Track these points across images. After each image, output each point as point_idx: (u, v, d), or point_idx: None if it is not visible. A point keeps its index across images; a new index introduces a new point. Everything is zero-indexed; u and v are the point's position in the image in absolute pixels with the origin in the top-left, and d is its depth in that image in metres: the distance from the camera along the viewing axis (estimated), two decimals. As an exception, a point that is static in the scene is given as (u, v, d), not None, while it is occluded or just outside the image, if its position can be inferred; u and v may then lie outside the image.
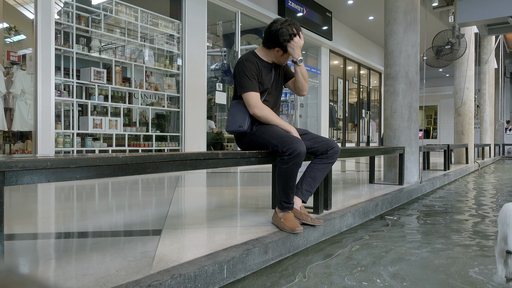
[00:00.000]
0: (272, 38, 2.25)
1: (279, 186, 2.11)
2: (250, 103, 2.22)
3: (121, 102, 5.87)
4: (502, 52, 11.07)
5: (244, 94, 2.24)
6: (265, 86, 2.31)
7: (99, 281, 1.28)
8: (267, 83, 2.32)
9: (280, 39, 2.22)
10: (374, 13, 10.61)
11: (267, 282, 1.61)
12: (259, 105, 2.23)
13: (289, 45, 2.23)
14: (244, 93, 2.24)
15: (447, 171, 6.00)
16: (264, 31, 2.32)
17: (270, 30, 2.25)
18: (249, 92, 2.22)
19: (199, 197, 3.39)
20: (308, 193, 2.26)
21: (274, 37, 2.24)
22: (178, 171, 2.72)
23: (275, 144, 2.11)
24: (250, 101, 2.23)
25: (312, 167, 2.27)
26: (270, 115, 2.24)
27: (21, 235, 1.93)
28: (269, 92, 2.35)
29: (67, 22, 5.01)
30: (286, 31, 2.20)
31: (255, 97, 2.23)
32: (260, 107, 2.23)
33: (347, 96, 12.39)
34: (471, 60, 7.93)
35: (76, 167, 1.36)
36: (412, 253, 2.05)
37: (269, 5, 8.22)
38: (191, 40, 6.53)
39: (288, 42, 2.22)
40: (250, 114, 2.26)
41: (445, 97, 19.44)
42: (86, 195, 3.47)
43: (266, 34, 2.28)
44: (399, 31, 4.16)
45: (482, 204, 3.84)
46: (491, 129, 11.12)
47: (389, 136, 4.24)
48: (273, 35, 2.24)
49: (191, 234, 1.93)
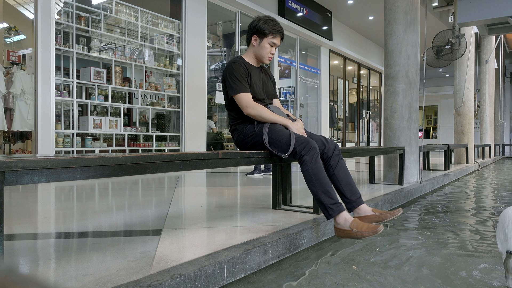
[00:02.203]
0: (251, 26, 2.37)
1: (317, 190, 1.96)
2: (242, 104, 2.23)
3: (121, 102, 5.87)
4: (502, 52, 11.08)
5: (236, 96, 2.25)
6: (255, 87, 2.32)
7: (99, 281, 1.28)
8: (257, 83, 2.34)
9: (260, 25, 2.32)
10: (374, 13, 10.61)
11: (267, 282, 1.61)
12: (252, 104, 2.23)
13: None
14: (236, 95, 2.25)
15: (447, 171, 6.00)
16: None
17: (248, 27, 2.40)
18: (240, 94, 2.24)
19: (199, 197, 3.39)
20: (355, 195, 2.11)
21: (253, 26, 2.36)
22: (178, 171, 2.72)
23: (286, 148, 2.09)
24: (242, 102, 2.23)
25: (329, 174, 2.13)
26: (264, 112, 2.24)
27: (21, 235, 1.93)
28: (259, 92, 2.36)
29: (67, 22, 5.01)
30: (267, 20, 2.34)
31: (247, 97, 2.23)
32: (253, 106, 2.23)
33: (347, 96, 12.39)
34: (471, 60, 7.93)
35: (76, 167, 1.36)
36: (412, 253, 2.05)
37: (269, 5, 8.22)
38: (191, 40, 6.53)
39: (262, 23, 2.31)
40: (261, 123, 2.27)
41: (445, 97, 19.44)
42: (86, 195, 3.47)
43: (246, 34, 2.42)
44: (399, 31, 4.16)
45: (482, 204, 3.83)
46: (491, 129, 11.12)
47: (389, 136, 4.24)
48: (249, 28, 2.38)
49: (191, 234, 1.93)
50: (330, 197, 1.95)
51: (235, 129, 2.40)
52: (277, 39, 2.35)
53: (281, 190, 2.69)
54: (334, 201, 1.95)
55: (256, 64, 2.42)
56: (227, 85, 2.29)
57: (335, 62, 11.85)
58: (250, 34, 2.38)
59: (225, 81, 2.31)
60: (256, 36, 2.35)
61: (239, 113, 2.33)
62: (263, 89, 2.41)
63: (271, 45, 2.35)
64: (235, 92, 2.24)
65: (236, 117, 2.37)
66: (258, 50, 2.35)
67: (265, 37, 2.33)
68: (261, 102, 2.36)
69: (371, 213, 2.05)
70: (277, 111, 2.34)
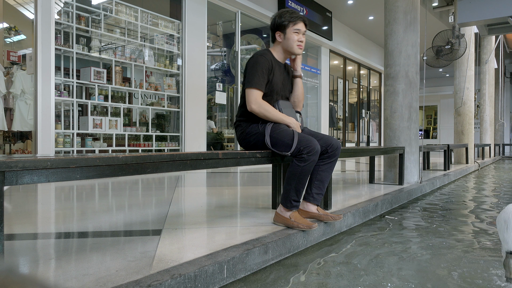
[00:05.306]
0: (271, 26, 2.35)
1: (291, 185, 2.10)
2: (250, 98, 2.21)
3: (121, 102, 5.87)
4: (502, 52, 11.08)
5: (248, 89, 2.22)
6: (275, 85, 2.30)
7: (99, 281, 1.28)
8: (278, 82, 2.31)
9: (277, 21, 2.31)
10: (374, 13, 10.61)
11: (267, 282, 1.61)
12: (259, 101, 2.21)
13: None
14: (248, 88, 2.22)
15: (447, 171, 6.00)
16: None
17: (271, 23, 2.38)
18: (252, 89, 2.21)
19: (199, 197, 3.39)
20: (319, 195, 2.26)
21: (272, 25, 2.35)
22: (178, 171, 2.72)
23: (289, 144, 2.11)
24: (250, 96, 2.21)
25: (316, 169, 2.24)
26: (268, 111, 2.21)
27: (21, 235, 1.93)
28: (277, 92, 2.33)
29: (67, 22, 5.01)
30: (282, 13, 2.33)
31: (257, 94, 2.21)
32: (259, 103, 2.21)
33: (347, 96, 12.39)
34: (471, 60, 7.93)
35: (76, 167, 1.36)
36: (412, 253, 2.05)
37: (269, 5, 8.21)
38: (191, 40, 6.53)
39: (287, 21, 2.28)
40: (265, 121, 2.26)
41: (445, 97, 19.44)
42: (86, 195, 3.47)
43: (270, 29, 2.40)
44: (399, 31, 4.16)
45: (482, 204, 3.83)
46: (491, 129, 11.12)
47: (389, 136, 4.24)
48: (271, 24, 2.36)
49: (191, 234, 1.93)
50: (298, 195, 2.12)
51: (239, 124, 2.38)
52: (299, 24, 2.29)
53: (281, 190, 2.69)
54: (298, 200, 2.14)
55: (283, 60, 2.38)
56: (246, 74, 2.27)
57: (335, 62, 11.84)
58: (272, 34, 2.36)
59: (246, 68, 2.28)
60: (279, 32, 2.31)
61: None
62: (282, 87, 2.37)
63: (296, 33, 2.29)
64: (249, 85, 2.21)
65: (244, 113, 2.34)
66: (285, 43, 2.31)
67: (286, 28, 2.29)
68: (277, 97, 2.35)
69: (315, 211, 2.23)
70: (287, 106, 2.34)
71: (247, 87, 2.23)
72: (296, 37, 2.29)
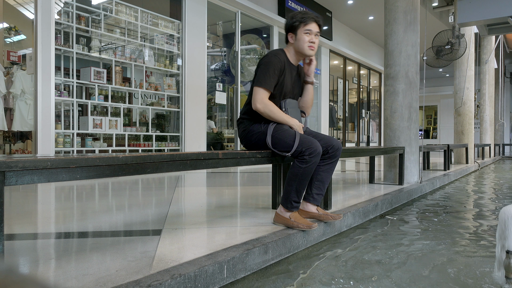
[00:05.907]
0: (285, 27, 2.35)
1: (292, 186, 2.10)
2: (257, 97, 2.20)
3: (121, 102, 5.86)
4: (502, 52, 11.08)
5: (256, 87, 2.21)
6: (284, 87, 2.28)
7: (99, 281, 1.28)
8: (288, 84, 2.29)
9: (289, 22, 2.31)
10: (374, 13, 10.61)
11: (267, 282, 1.61)
12: (265, 101, 2.20)
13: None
14: (257, 86, 2.21)
15: (447, 171, 6.00)
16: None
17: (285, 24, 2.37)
18: (260, 88, 2.20)
19: (199, 197, 3.39)
20: (319, 196, 2.26)
21: (285, 26, 2.35)
22: (178, 171, 2.72)
23: (291, 144, 2.11)
24: (257, 95, 2.20)
25: (317, 170, 2.23)
26: (273, 111, 2.20)
27: (21, 235, 1.93)
28: (285, 94, 2.31)
29: (67, 22, 5.01)
30: (294, 14, 2.31)
31: (264, 94, 2.20)
32: (265, 103, 2.19)
33: (347, 96, 12.39)
34: (471, 60, 7.93)
35: (76, 167, 1.36)
36: (412, 253, 2.05)
37: (269, 5, 8.21)
38: (191, 40, 6.53)
39: (298, 22, 2.27)
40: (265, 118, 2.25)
41: (445, 97, 19.44)
42: (86, 195, 3.47)
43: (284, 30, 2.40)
44: (399, 31, 4.16)
45: (482, 204, 3.83)
46: (491, 129, 11.12)
47: (389, 136, 4.24)
48: (285, 26, 2.36)
49: (191, 234, 1.93)
50: (298, 196, 2.12)
51: (242, 122, 2.37)
52: (310, 25, 2.25)
53: (281, 190, 2.69)
54: (298, 201, 2.14)
55: (295, 62, 2.36)
56: (257, 73, 2.25)
57: (335, 62, 11.84)
58: (286, 36, 2.35)
59: (259, 66, 2.26)
60: (291, 33, 2.29)
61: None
62: (291, 89, 2.35)
63: (307, 34, 2.25)
64: (258, 83, 2.20)
65: (249, 111, 2.32)
66: (297, 44, 2.28)
67: (297, 29, 2.26)
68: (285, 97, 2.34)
69: (315, 211, 2.23)
70: (293, 105, 2.34)
71: (256, 85, 2.22)
72: (307, 38, 2.25)
